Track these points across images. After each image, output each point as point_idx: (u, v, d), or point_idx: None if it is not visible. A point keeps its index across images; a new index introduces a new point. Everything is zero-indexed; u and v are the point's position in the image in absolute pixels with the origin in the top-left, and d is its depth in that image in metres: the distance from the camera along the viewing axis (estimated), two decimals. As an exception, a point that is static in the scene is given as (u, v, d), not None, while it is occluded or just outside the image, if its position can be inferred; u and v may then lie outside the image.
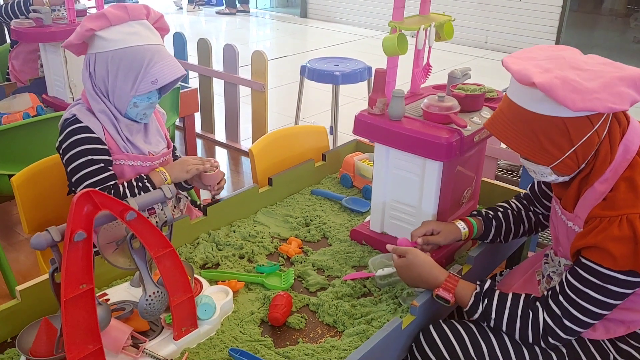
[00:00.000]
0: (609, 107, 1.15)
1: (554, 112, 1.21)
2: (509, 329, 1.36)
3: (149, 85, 1.69)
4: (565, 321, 1.29)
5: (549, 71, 1.20)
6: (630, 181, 1.24)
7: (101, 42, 1.68)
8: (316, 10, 9.36)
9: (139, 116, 1.78)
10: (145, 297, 1.24)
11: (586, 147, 1.25)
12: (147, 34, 1.71)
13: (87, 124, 1.72)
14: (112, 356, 1.23)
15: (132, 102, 1.72)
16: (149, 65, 1.68)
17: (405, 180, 1.64)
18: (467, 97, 1.63)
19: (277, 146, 2.21)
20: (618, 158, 1.27)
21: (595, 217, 1.25)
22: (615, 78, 1.19)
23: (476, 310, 1.39)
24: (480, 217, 1.63)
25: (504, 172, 2.99)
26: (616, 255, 1.19)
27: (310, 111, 5.06)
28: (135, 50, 1.67)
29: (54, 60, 2.95)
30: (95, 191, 1.08)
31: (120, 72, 1.68)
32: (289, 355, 1.32)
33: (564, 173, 1.30)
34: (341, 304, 1.48)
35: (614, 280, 1.22)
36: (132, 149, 1.79)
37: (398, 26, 1.55)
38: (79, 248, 1.08)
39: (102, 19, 1.66)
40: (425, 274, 1.42)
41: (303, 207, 1.98)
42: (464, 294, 1.40)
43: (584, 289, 1.25)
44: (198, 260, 1.65)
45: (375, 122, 1.59)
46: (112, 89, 1.71)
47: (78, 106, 1.76)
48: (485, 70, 6.49)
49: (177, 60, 1.76)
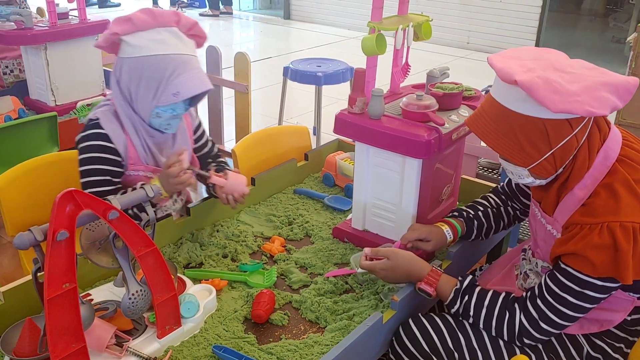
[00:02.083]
0: (589, 110, 1.16)
1: (534, 112, 1.22)
2: (486, 326, 1.39)
3: (170, 97, 1.60)
4: (542, 323, 1.32)
5: (531, 71, 1.21)
6: (610, 188, 1.24)
7: (126, 47, 1.61)
8: (299, 11, 9.38)
9: (163, 126, 1.70)
10: (128, 296, 1.25)
11: (564, 150, 1.26)
12: (174, 43, 1.62)
13: (108, 131, 1.66)
14: (96, 355, 1.24)
15: (154, 112, 1.65)
16: (171, 76, 1.59)
17: (386, 178, 1.66)
18: (445, 95, 1.66)
19: (260, 146, 2.23)
20: (597, 164, 1.27)
21: (575, 224, 1.26)
22: (597, 83, 1.20)
23: (453, 306, 1.42)
24: (462, 218, 1.64)
25: (484, 170, 3.04)
26: (596, 263, 1.21)
27: (293, 112, 5.08)
28: (158, 59, 1.59)
29: (35, 62, 2.95)
30: (78, 191, 1.10)
31: (143, 80, 1.61)
32: (272, 352, 1.34)
33: (541, 176, 1.32)
34: (323, 300, 1.50)
35: (592, 286, 1.24)
36: (151, 161, 1.74)
37: (376, 26, 1.58)
38: (61, 247, 1.09)
39: (128, 23, 1.59)
40: (409, 270, 1.45)
41: (286, 206, 2.00)
42: (445, 288, 1.43)
43: (562, 294, 1.28)
44: (182, 260, 1.66)
45: (355, 121, 1.61)
46: (135, 96, 1.64)
47: (106, 108, 1.71)
48: (467, 70, 6.55)
49: (204, 73, 1.67)
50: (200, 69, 1.66)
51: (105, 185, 1.65)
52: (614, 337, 1.38)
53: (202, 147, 1.96)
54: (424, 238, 1.57)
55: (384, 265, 1.45)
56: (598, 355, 1.38)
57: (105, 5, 9.59)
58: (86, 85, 3.10)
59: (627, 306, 1.34)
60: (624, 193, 1.23)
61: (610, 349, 1.38)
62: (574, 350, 1.39)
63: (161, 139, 1.75)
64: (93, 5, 9.53)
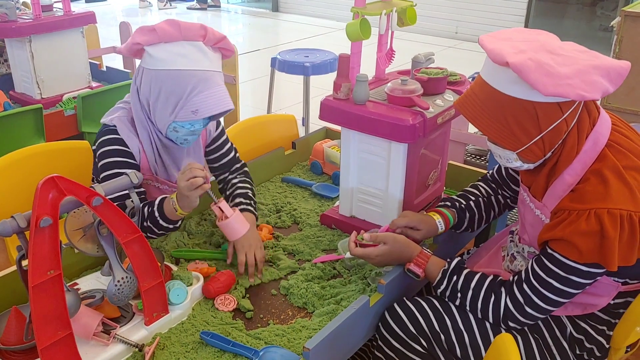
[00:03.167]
0: (580, 94, 1.15)
1: (525, 95, 1.22)
2: (472, 308, 1.40)
3: (189, 114, 1.55)
4: (527, 308, 1.33)
5: (523, 52, 1.20)
6: (600, 174, 1.24)
7: (149, 58, 1.56)
8: (287, 4, 9.35)
9: (180, 140, 1.64)
10: (114, 283, 1.25)
11: (554, 135, 1.26)
12: (197, 57, 1.55)
13: (125, 137, 1.62)
14: (83, 342, 1.24)
15: (171, 126, 1.60)
16: (191, 93, 1.53)
17: (372, 164, 1.66)
18: (430, 80, 1.66)
19: (248, 135, 2.23)
20: (587, 150, 1.27)
21: (563, 210, 1.26)
22: (589, 66, 1.18)
23: (440, 286, 1.43)
24: (455, 209, 1.64)
25: (472, 157, 3.05)
26: (582, 249, 1.21)
27: (283, 103, 5.08)
28: (179, 74, 1.53)
29: (20, 56, 2.92)
30: (60, 177, 1.09)
31: (162, 94, 1.55)
32: (259, 337, 1.35)
33: (529, 160, 1.32)
34: (311, 285, 1.50)
35: (577, 271, 1.25)
36: (162, 173, 1.71)
37: (360, 11, 1.58)
38: (45, 234, 1.08)
39: (152, 34, 1.54)
40: (401, 253, 1.46)
41: (274, 194, 2.00)
42: (433, 269, 1.44)
43: (548, 279, 1.29)
44: (169, 248, 1.66)
45: (341, 107, 1.62)
46: (153, 108, 1.60)
47: (122, 112, 1.66)
48: (456, 60, 6.56)
49: (226, 91, 1.60)
50: (222, 87, 1.60)
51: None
52: (597, 319, 1.39)
53: (220, 158, 1.86)
54: (414, 226, 1.56)
55: (381, 251, 1.46)
56: (581, 336, 1.40)
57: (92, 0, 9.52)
58: (72, 77, 3.08)
59: (612, 291, 1.35)
60: (613, 180, 1.22)
61: (593, 331, 1.39)
62: (558, 331, 1.41)
63: (174, 152, 1.71)
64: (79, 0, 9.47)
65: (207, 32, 1.59)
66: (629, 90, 2.51)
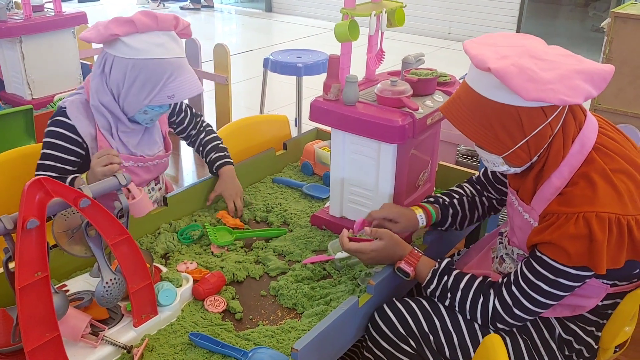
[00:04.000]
0: (562, 99, 1.16)
1: (508, 100, 1.22)
2: (461, 308, 1.41)
3: (164, 99, 1.66)
4: (515, 309, 1.33)
5: (506, 58, 1.20)
6: (587, 178, 1.24)
7: (124, 47, 1.62)
8: (281, 4, 9.34)
9: (146, 121, 1.75)
10: (102, 284, 1.24)
11: (538, 139, 1.26)
12: (172, 46, 1.67)
13: (74, 121, 1.69)
14: (71, 344, 1.24)
15: (142, 109, 1.70)
16: (168, 79, 1.64)
17: (362, 164, 1.67)
18: (420, 81, 1.66)
19: (240, 135, 2.23)
20: (574, 153, 1.28)
21: (552, 213, 1.26)
22: (572, 71, 1.19)
23: (430, 286, 1.43)
24: (438, 205, 1.64)
25: (463, 158, 3.06)
26: (571, 252, 1.22)
27: (276, 104, 5.07)
28: (157, 62, 1.63)
29: (10, 56, 2.92)
30: (47, 178, 1.09)
31: (138, 81, 1.64)
32: (248, 338, 1.35)
33: (515, 164, 1.32)
34: (301, 286, 1.50)
35: (566, 274, 1.25)
36: (124, 150, 1.76)
37: (349, 12, 1.58)
38: (32, 236, 1.08)
39: (129, 25, 1.61)
40: (393, 251, 1.46)
41: (264, 195, 2.00)
42: (424, 269, 1.44)
43: (537, 282, 1.29)
44: (159, 250, 1.66)
45: (330, 108, 1.62)
46: (124, 94, 1.67)
47: (76, 97, 1.73)
48: (449, 61, 6.57)
49: (196, 76, 1.72)
50: (192, 72, 1.72)
51: (56, 171, 1.69)
52: (586, 320, 1.40)
53: (182, 122, 2.02)
54: (392, 218, 1.57)
55: (375, 246, 1.46)
56: (570, 337, 1.40)
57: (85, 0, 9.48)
58: (63, 78, 3.07)
59: (600, 293, 1.36)
60: (601, 183, 1.23)
61: (582, 332, 1.40)
62: (546, 332, 1.41)
63: (135, 131, 1.78)
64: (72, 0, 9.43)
65: (179, 22, 1.71)
66: (618, 91, 2.52)
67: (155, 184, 1.91)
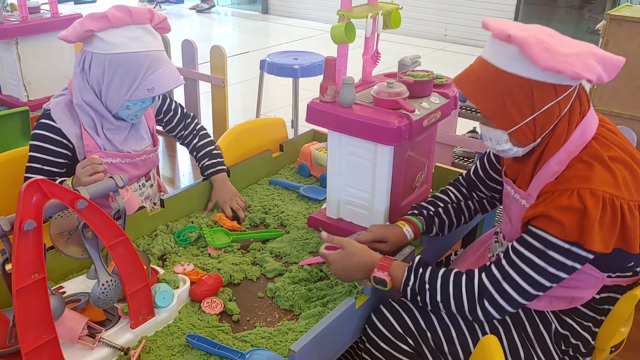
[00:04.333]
0: (577, 72, 1.19)
1: (522, 72, 1.25)
2: (444, 297, 1.35)
3: (145, 92, 1.66)
4: (504, 284, 1.29)
5: (526, 30, 1.25)
6: (584, 161, 1.27)
7: (100, 43, 1.63)
8: (277, 6, 9.35)
9: (130, 117, 1.75)
10: (99, 286, 1.24)
11: (546, 117, 1.28)
12: (148, 40, 1.66)
13: (59, 123, 1.69)
14: (68, 346, 1.24)
15: (124, 105, 1.69)
16: (147, 72, 1.64)
17: (358, 166, 1.67)
18: (416, 83, 1.67)
19: (238, 140, 2.23)
20: (574, 139, 1.30)
21: (547, 192, 1.29)
22: (588, 52, 1.24)
23: (409, 283, 1.38)
24: (422, 216, 1.64)
25: (460, 159, 3.06)
26: (564, 223, 1.22)
27: (272, 106, 5.07)
28: (134, 56, 1.63)
29: (7, 58, 2.92)
30: (45, 180, 1.09)
31: (117, 76, 1.64)
32: (246, 339, 1.35)
33: (519, 142, 1.33)
34: (298, 288, 1.51)
35: (557, 248, 1.25)
36: (110, 147, 1.76)
37: (346, 14, 1.58)
38: (29, 237, 1.08)
39: (104, 21, 1.61)
40: (360, 260, 1.43)
41: (261, 196, 2.00)
42: (398, 270, 1.40)
43: (528, 254, 1.27)
44: (156, 251, 1.66)
45: (327, 110, 1.62)
46: (105, 90, 1.67)
47: (60, 99, 1.73)
48: (445, 62, 6.58)
49: (175, 68, 1.72)
50: (171, 64, 1.71)
51: (43, 173, 1.70)
52: (583, 315, 1.40)
53: (171, 121, 2.02)
54: (381, 239, 1.56)
55: (338, 255, 1.44)
56: (566, 332, 1.40)
57: (81, 1, 9.48)
58: (59, 79, 3.07)
59: (597, 284, 1.36)
60: (598, 166, 1.26)
61: (579, 327, 1.40)
62: (542, 327, 1.41)
63: (121, 128, 1.78)
64: (68, 1, 9.43)
65: (154, 15, 1.71)
66: (614, 93, 2.53)
67: (145, 180, 1.91)
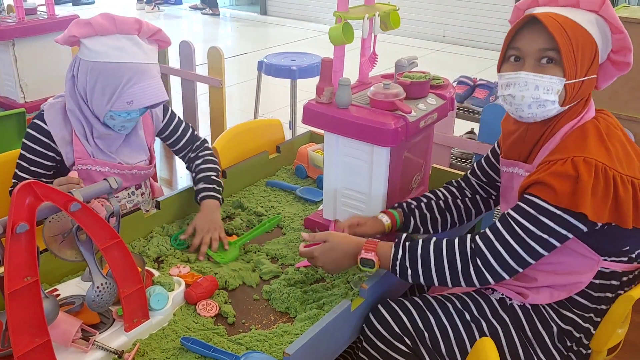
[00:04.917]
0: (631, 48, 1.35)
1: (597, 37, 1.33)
2: (437, 262, 1.36)
3: (124, 105, 1.63)
4: (497, 244, 1.32)
5: None
6: (580, 131, 1.34)
7: (85, 50, 1.62)
8: (276, 7, 9.35)
9: (117, 127, 1.72)
10: (93, 289, 1.23)
11: (589, 85, 1.37)
12: (133, 51, 1.63)
13: (50, 126, 1.69)
14: (62, 350, 1.23)
15: (108, 114, 1.67)
16: (126, 85, 1.61)
17: (355, 167, 1.66)
18: (413, 84, 1.66)
19: (238, 141, 2.22)
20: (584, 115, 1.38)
21: (544, 162, 1.33)
22: None
23: (397, 257, 1.39)
24: (402, 208, 1.66)
25: (457, 160, 3.06)
26: (556, 189, 1.26)
27: (270, 107, 5.07)
28: (115, 66, 1.60)
29: (3, 59, 2.91)
30: (37, 182, 1.08)
31: (99, 84, 1.62)
32: (241, 342, 1.34)
33: (564, 98, 1.34)
34: (294, 290, 1.50)
35: (549, 213, 1.28)
36: (101, 155, 1.75)
37: (343, 16, 1.58)
38: (21, 240, 1.07)
39: (87, 27, 1.60)
40: (346, 248, 1.44)
41: (258, 198, 2.00)
42: (385, 248, 1.41)
43: (521, 219, 1.31)
44: (152, 253, 1.65)
45: (323, 111, 1.61)
46: (89, 98, 1.66)
47: (57, 101, 1.73)
48: (442, 63, 6.58)
49: (161, 83, 1.68)
50: (157, 78, 1.68)
51: (30, 173, 1.71)
52: (584, 307, 1.39)
53: (178, 141, 1.98)
54: (358, 223, 1.59)
55: (322, 249, 1.45)
56: (569, 327, 1.40)
57: (79, 3, 9.48)
58: (56, 81, 3.06)
59: (593, 266, 1.37)
60: (593, 137, 1.32)
61: (581, 320, 1.40)
62: (541, 327, 1.41)
63: (112, 139, 1.76)
64: (67, 3, 9.43)
65: (142, 26, 1.67)
66: (612, 94, 2.53)
67: (136, 188, 1.90)
